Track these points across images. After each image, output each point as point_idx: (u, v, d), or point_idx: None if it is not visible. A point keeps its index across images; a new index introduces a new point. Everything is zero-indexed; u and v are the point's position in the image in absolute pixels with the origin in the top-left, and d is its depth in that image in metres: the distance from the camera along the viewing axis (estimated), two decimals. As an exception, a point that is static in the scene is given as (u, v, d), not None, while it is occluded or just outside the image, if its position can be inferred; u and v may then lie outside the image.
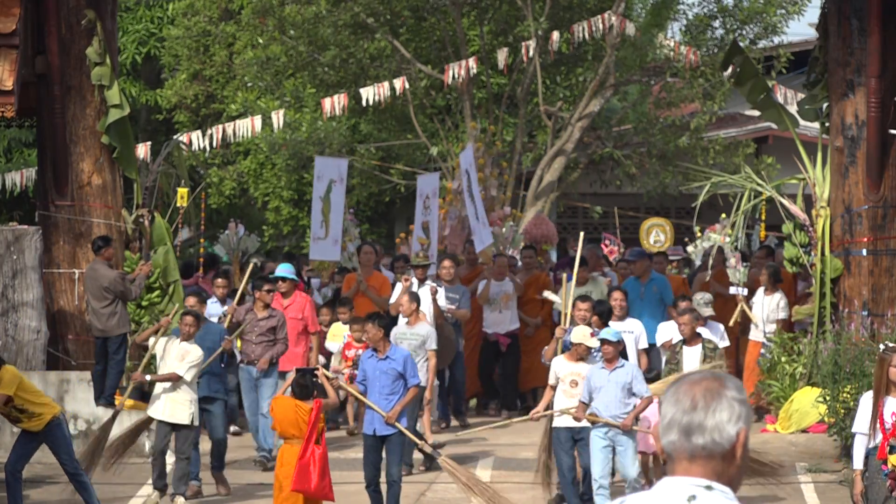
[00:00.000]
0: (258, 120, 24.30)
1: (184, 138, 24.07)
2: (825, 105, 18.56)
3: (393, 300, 18.98)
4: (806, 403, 17.40)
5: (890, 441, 12.13)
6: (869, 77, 17.52)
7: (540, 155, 28.68)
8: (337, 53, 27.77)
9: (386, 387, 13.84)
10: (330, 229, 20.02)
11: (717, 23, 28.26)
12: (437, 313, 18.22)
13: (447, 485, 15.52)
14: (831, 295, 17.95)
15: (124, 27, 30.32)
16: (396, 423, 13.77)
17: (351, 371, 17.79)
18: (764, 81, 20.17)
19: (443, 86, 26.80)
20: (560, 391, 14.34)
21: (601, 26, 25.41)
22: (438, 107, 29.17)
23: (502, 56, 25.37)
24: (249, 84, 29.56)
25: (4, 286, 16.96)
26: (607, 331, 14.22)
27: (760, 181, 18.88)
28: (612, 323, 15.99)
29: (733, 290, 18.85)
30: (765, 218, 23.41)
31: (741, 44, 23.76)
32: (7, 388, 13.84)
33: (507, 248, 21.60)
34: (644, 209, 30.66)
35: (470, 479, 14.05)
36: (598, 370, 13.98)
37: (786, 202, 18.39)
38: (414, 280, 18.73)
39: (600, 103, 28.12)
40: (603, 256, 22.72)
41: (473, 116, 27.14)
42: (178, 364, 14.82)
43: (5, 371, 13.96)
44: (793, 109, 21.24)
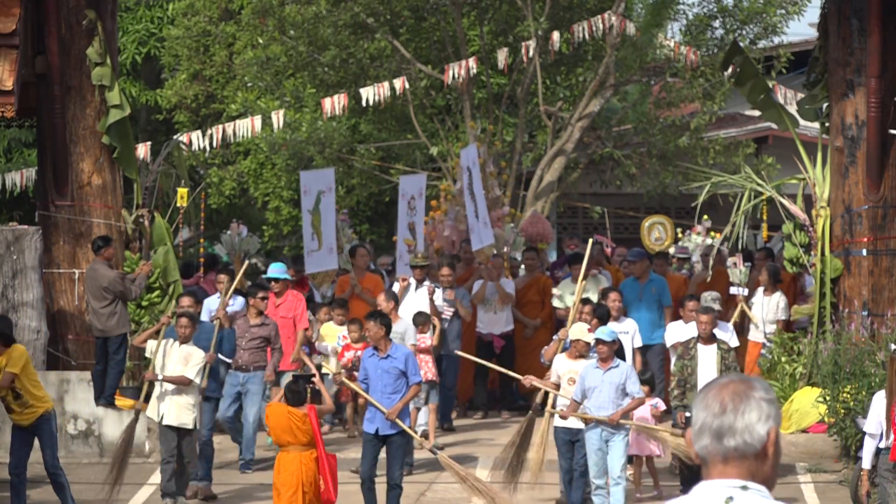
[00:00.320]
0: (258, 120, 24.29)
1: (184, 138, 24.05)
2: (825, 105, 18.55)
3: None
4: (806, 403, 17.40)
5: None
6: (869, 77, 17.51)
7: (540, 155, 28.67)
8: (337, 53, 27.75)
9: (388, 385, 13.81)
10: (323, 239, 19.91)
11: (717, 23, 28.25)
12: (435, 313, 18.21)
13: (447, 485, 15.52)
14: (831, 295, 17.94)
15: (124, 27, 30.31)
16: (398, 421, 13.76)
17: (349, 373, 17.78)
18: (764, 81, 20.16)
19: (443, 86, 26.79)
20: (560, 389, 14.34)
21: (601, 26, 25.40)
22: (438, 107, 29.15)
23: (502, 56, 25.35)
24: (249, 84, 29.55)
25: (4, 286, 16.96)
26: (602, 330, 14.22)
27: (760, 181, 18.87)
28: (609, 323, 16.00)
29: (734, 291, 18.84)
30: (766, 218, 23.40)
31: (741, 44, 23.74)
32: (14, 366, 13.90)
33: (509, 250, 21.57)
34: (644, 209, 30.65)
35: (470, 478, 14.05)
36: (593, 369, 13.97)
37: (786, 202, 18.38)
38: (412, 280, 18.72)
39: (600, 103, 28.11)
40: (603, 255, 22.66)
41: (473, 116, 27.13)
42: (183, 368, 14.72)
43: (14, 349, 14.05)
44: (793, 109, 21.22)
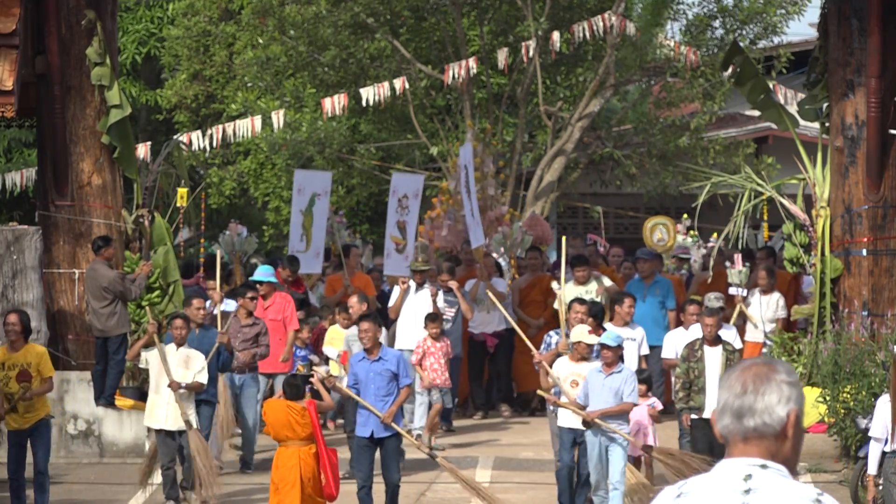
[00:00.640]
0: (258, 120, 24.29)
1: (184, 138, 24.05)
2: (825, 105, 18.53)
3: (391, 304, 18.96)
4: (806, 403, 17.39)
5: None
6: (869, 77, 17.50)
7: (540, 155, 28.67)
8: (337, 53, 27.75)
9: (381, 388, 13.74)
10: (312, 242, 19.85)
11: (717, 23, 28.25)
12: (430, 313, 18.18)
13: (447, 485, 15.52)
14: (831, 295, 17.94)
15: (124, 27, 30.32)
16: (393, 424, 13.73)
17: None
18: (764, 81, 20.14)
19: (443, 86, 26.79)
20: (563, 389, 14.25)
21: (601, 25, 25.40)
22: (438, 107, 29.16)
23: (502, 56, 25.35)
24: (249, 84, 29.56)
25: (4, 286, 16.95)
26: (607, 335, 14.11)
27: (760, 181, 18.85)
28: (619, 328, 15.89)
29: (733, 291, 18.83)
30: (766, 218, 23.40)
31: (741, 44, 23.73)
32: (47, 370, 14.05)
33: (515, 250, 21.56)
34: (644, 209, 30.66)
35: (467, 480, 14.02)
36: (596, 373, 13.91)
37: (786, 202, 18.37)
38: (412, 283, 18.71)
39: (600, 103, 28.12)
40: (599, 256, 22.64)
41: (473, 116, 27.13)
42: (184, 371, 14.66)
43: (35, 347, 14.33)
44: (793, 109, 21.21)
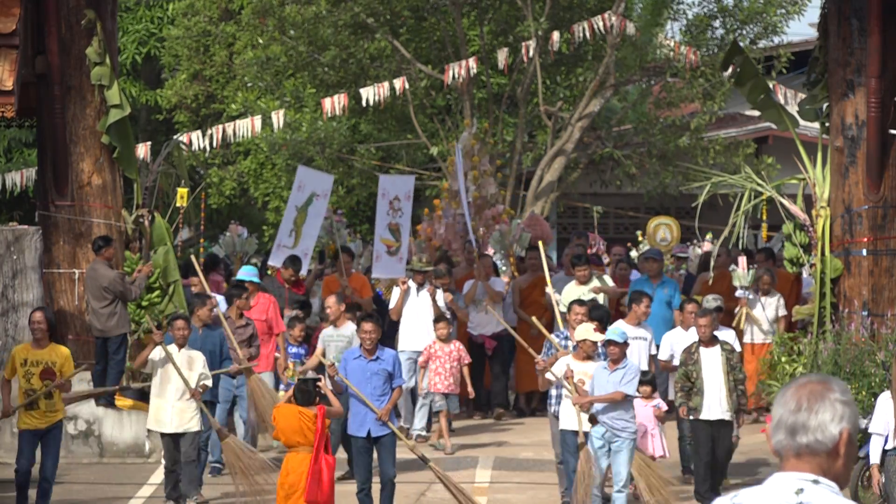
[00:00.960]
0: (258, 120, 24.30)
1: (184, 138, 24.06)
2: (825, 105, 18.53)
3: (392, 305, 18.93)
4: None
5: None
6: (869, 77, 17.50)
7: (540, 155, 28.68)
8: (337, 53, 27.76)
9: (378, 388, 13.75)
10: (300, 241, 19.76)
11: (717, 23, 28.26)
12: (438, 314, 18.19)
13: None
14: (831, 295, 17.93)
15: (124, 27, 30.33)
16: (389, 423, 13.74)
17: None
18: (764, 81, 20.13)
19: (443, 86, 26.80)
20: (565, 391, 14.19)
21: (601, 25, 25.40)
22: (438, 107, 29.16)
23: (502, 56, 25.36)
24: (249, 84, 29.57)
25: (4, 286, 16.95)
26: (613, 331, 13.99)
27: (760, 181, 18.85)
28: (629, 327, 15.79)
29: (740, 294, 18.83)
30: (766, 218, 23.39)
31: (741, 44, 23.72)
32: (69, 372, 14.20)
33: (514, 247, 21.52)
34: (644, 209, 30.66)
35: (458, 491, 13.92)
36: (601, 370, 13.86)
37: (786, 202, 18.36)
38: (412, 284, 18.70)
39: (600, 103, 28.12)
40: (596, 256, 22.59)
41: (473, 116, 27.13)
42: (188, 373, 14.61)
43: (61, 348, 14.44)
44: (793, 109, 21.20)
